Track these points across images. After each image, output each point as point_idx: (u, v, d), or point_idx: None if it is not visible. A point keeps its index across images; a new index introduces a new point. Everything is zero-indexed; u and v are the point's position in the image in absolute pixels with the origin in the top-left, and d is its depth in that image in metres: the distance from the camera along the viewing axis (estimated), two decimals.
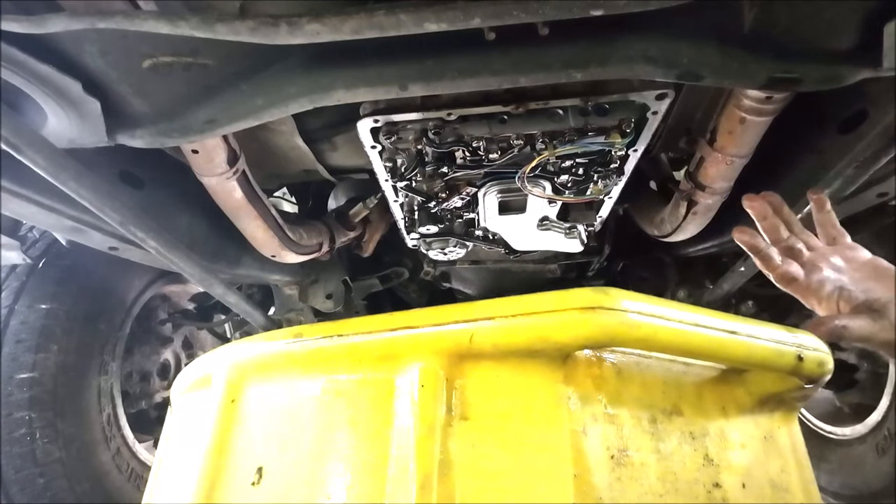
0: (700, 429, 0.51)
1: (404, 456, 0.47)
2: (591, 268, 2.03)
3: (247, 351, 0.63)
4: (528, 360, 0.50)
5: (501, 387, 0.51)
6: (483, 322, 0.51)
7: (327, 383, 0.58)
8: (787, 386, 0.57)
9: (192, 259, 1.14)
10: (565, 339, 0.48)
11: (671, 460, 0.49)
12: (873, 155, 0.82)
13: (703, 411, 0.53)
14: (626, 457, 0.47)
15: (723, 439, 0.53)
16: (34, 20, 0.65)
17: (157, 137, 0.88)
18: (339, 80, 0.80)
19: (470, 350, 0.51)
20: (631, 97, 0.93)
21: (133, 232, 0.96)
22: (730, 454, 0.52)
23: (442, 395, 0.50)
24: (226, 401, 0.63)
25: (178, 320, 2.05)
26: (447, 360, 0.51)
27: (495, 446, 0.48)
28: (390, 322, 0.55)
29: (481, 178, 1.17)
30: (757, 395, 0.57)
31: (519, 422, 0.49)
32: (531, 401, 0.49)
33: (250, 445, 0.60)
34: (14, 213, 1.00)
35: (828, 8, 0.70)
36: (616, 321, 0.48)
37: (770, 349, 0.54)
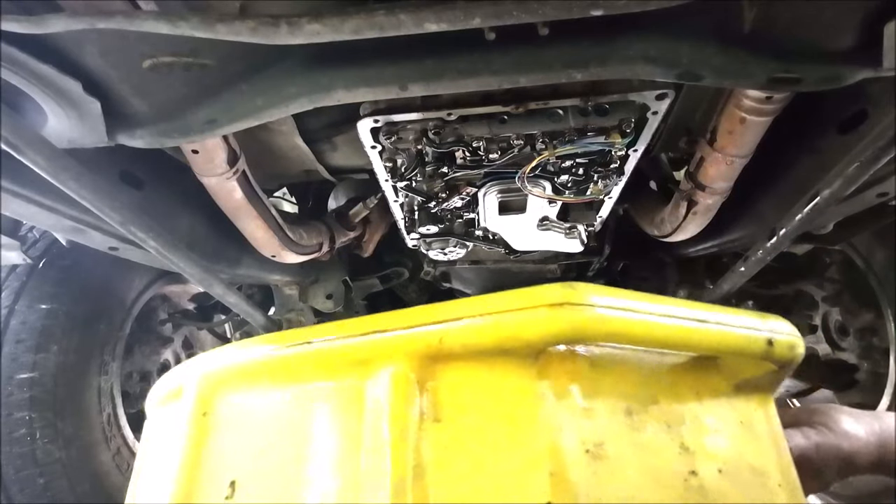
0: (676, 417, 0.52)
1: (377, 463, 0.46)
2: (591, 268, 2.03)
3: (218, 361, 0.62)
4: (501, 358, 0.49)
5: (474, 387, 0.50)
6: (452, 323, 0.50)
7: (300, 392, 0.57)
8: (761, 370, 0.57)
9: (192, 259, 1.14)
10: (534, 337, 0.48)
11: (648, 451, 0.49)
12: (873, 155, 0.82)
13: (678, 399, 0.53)
14: (603, 451, 0.47)
15: (698, 426, 0.53)
16: (34, 20, 0.65)
17: (157, 137, 0.88)
18: (339, 80, 0.80)
19: (440, 352, 0.51)
20: (631, 97, 0.93)
21: (133, 232, 0.96)
22: (706, 441, 0.52)
23: (414, 399, 0.49)
24: (197, 414, 0.62)
25: (178, 320, 2.05)
26: (418, 363, 0.51)
27: (469, 447, 0.48)
28: (360, 326, 0.54)
29: (481, 178, 1.17)
30: (732, 380, 0.57)
31: (493, 421, 0.49)
32: (505, 399, 0.49)
33: (223, 459, 0.59)
34: (14, 213, 1.00)
35: (828, 8, 0.70)
36: (584, 316, 0.48)
37: (740, 336, 0.53)
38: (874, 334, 1.62)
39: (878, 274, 1.48)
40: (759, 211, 1.28)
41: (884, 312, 1.50)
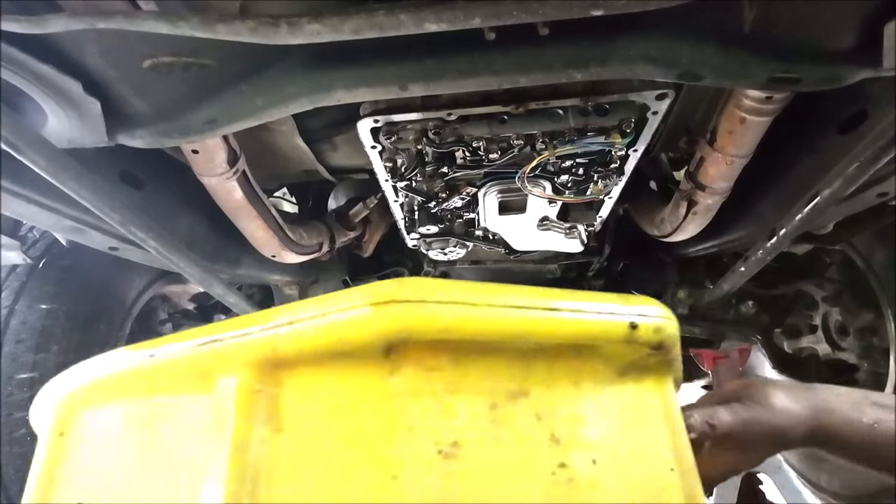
0: (548, 408, 0.50)
1: (216, 479, 0.43)
2: (591, 268, 2.04)
3: (79, 376, 0.58)
4: (348, 359, 0.47)
5: (320, 391, 0.47)
6: (284, 328, 0.48)
7: (149, 407, 0.54)
8: (638, 354, 0.55)
9: (192, 259, 1.14)
10: (360, 338, 0.45)
11: (512, 446, 0.47)
12: (873, 155, 0.82)
13: (552, 389, 0.51)
14: (458, 450, 0.44)
15: (574, 416, 0.51)
16: (34, 20, 0.65)
17: (158, 137, 0.88)
18: (339, 80, 0.80)
19: (279, 359, 0.48)
20: (631, 97, 0.93)
21: (133, 232, 0.96)
22: (581, 431, 0.50)
23: (255, 410, 0.47)
24: (54, 434, 0.57)
25: (178, 320, 2.05)
26: (259, 372, 0.48)
27: (311, 455, 0.46)
28: (199, 335, 0.51)
29: (481, 178, 1.17)
30: (615, 365, 0.55)
31: (338, 426, 0.46)
32: (352, 403, 0.47)
33: (73, 480, 0.55)
34: (14, 213, 1.00)
35: (828, 8, 0.70)
36: (412, 314, 0.45)
37: (598, 322, 0.51)
38: (874, 334, 1.62)
39: (878, 274, 1.48)
40: (759, 211, 1.28)
41: (884, 312, 1.50)
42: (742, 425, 0.64)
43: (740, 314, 1.85)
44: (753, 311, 1.84)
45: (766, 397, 0.65)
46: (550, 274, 1.98)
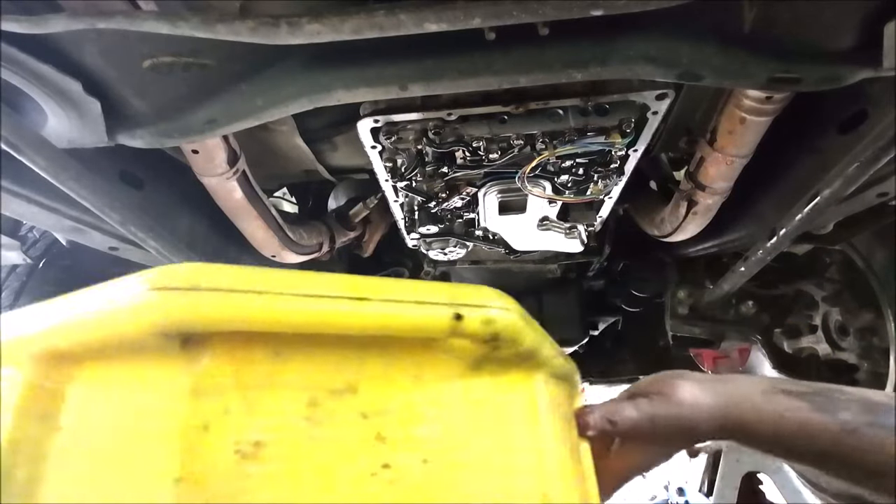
0: (377, 406, 0.46)
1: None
2: (591, 268, 2.04)
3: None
4: (140, 352, 0.42)
5: (109, 388, 0.43)
6: (64, 321, 0.44)
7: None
8: (485, 348, 0.50)
9: (191, 259, 1.14)
10: (137, 329, 0.41)
11: (328, 445, 0.43)
12: (873, 155, 0.82)
13: (388, 385, 0.47)
14: (261, 450, 0.41)
15: (409, 414, 0.47)
16: (34, 20, 0.65)
17: (158, 137, 0.88)
18: (339, 80, 0.80)
19: (63, 352, 0.44)
20: (631, 97, 0.93)
21: (133, 232, 0.96)
22: (414, 429, 0.46)
23: (31, 406, 0.43)
24: None
25: None
26: (44, 366, 0.44)
27: (89, 456, 0.42)
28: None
29: (481, 178, 1.17)
30: (466, 359, 0.50)
31: (124, 425, 0.42)
32: (142, 399, 0.42)
33: None
34: (14, 213, 1.00)
35: (828, 8, 0.70)
36: (187, 302, 0.40)
37: (416, 313, 0.46)
38: (874, 334, 1.62)
39: (878, 274, 1.48)
40: (759, 211, 1.28)
41: (884, 312, 1.50)
42: (648, 421, 0.63)
43: (740, 314, 1.85)
44: (753, 311, 1.84)
45: (675, 391, 0.64)
46: (550, 274, 1.98)
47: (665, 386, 0.66)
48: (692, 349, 2.05)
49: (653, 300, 1.98)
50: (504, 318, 0.49)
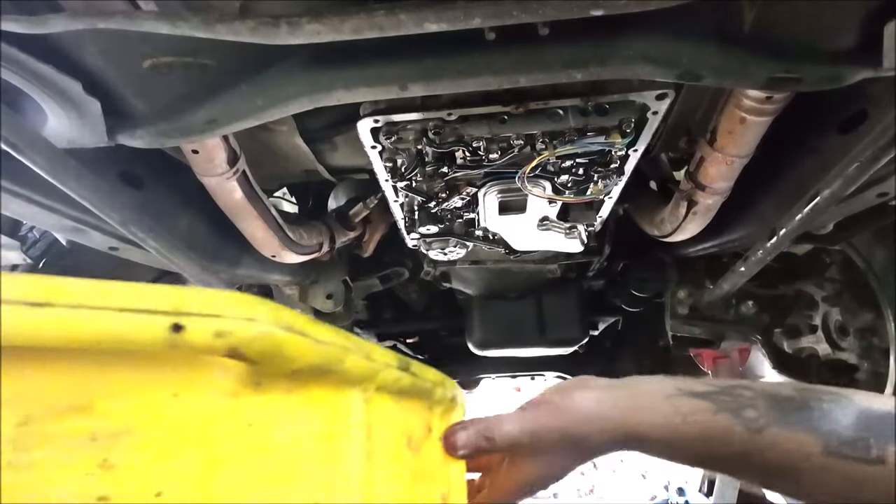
0: (115, 427, 0.38)
1: None
2: (591, 268, 2.04)
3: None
4: None
5: None
6: None
7: None
8: (247, 365, 0.43)
9: (192, 259, 1.14)
10: None
11: (31, 472, 0.37)
12: (873, 155, 0.82)
13: (135, 404, 0.40)
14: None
15: (157, 437, 0.40)
16: (34, 20, 0.65)
17: (158, 137, 0.88)
18: (339, 80, 0.80)
19: None
20: (631, 97, 0.93)
21: (133, 232, 0.96)
22: (159, 455, 0.39)
23: None
24: None
25: None
26: None
27: None
28: None
29: (481, 178, 1.17)
30: (233, 375, 0.42)
31: None
32: None
33: None
34: (14, 213, 1.00)
35: (828, 8, 0.70)
36: None
37: (117, 321, 0.37)
38: (874, 334, 1.62)
39: (878, 274, 1.48)
40: (759, 211, 1.28)
41: (884, 312, 1.50)
42: (529, 435, 0.59)
43: (740, 314, 1.85)
44: (753, 311, 1.84)
45: (565, 402, 0.61)
46: (550, 274, 1.98)
47: (558, 396, 0.62)
48: (692, 349, 2.05)
49: (653, 300, 1.98)
50: (245, 330, 0.39)
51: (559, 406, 0.61)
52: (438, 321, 2.59)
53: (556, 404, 0.62)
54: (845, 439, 0.53)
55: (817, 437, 0.53)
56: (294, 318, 0.42)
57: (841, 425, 0.54)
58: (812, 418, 0.55)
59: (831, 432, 0.53)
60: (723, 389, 0.59)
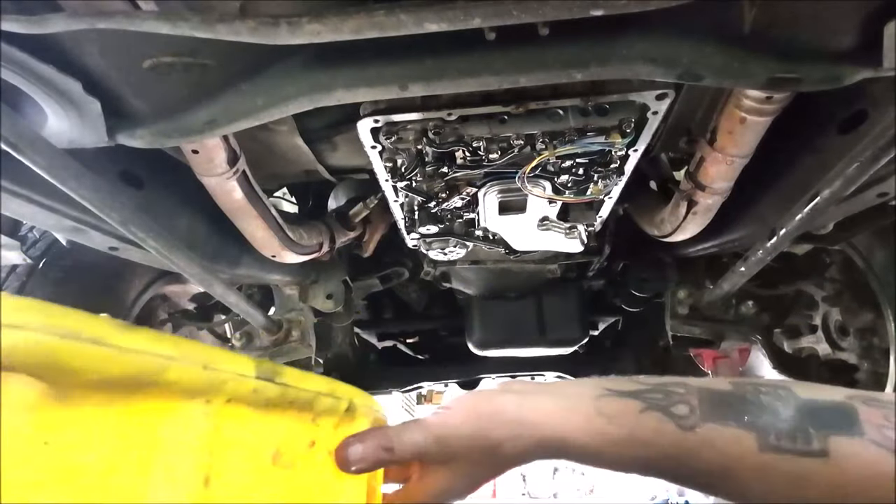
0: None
1: None
2: (591, 268, 2.04)
3: None
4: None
5: None
6: None
7: None
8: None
9: (192, 259, 1.14)
10: None
11: None
12: (873, 155, 0.82)
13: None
14: None
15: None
16: (34, 20, 0.65)
17: (158, 137, 0.88)
18: (339, 80, 0.80)
19: None
20: (631, 97, 0.93)
21: (133, 232, 0.96)
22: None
23: None
24: None
25: (178, 320, 2.05)
26: None
27: None
28: None
29: (481, 178, 1.17)
30: (26, 389, 0.35)
31: None
32: None
33: None
34: (14, 213, 1.00)
35: (828, 8, 0.70)
36: None
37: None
38: (874, 334, 1.62)
39: (878, 274, 1.47)
40: (759, 211, 1.28)
41: (884, 312, 1.50)
42: (436, 442, 0.55)
43: (740, 314, 1.85)
44: (753, 311, 1.84)
45: (482, 406, 0.57)
46: (550, 274, 1.98)
47: (472, 400, 0.59)
48: (692, 349, 2.05)
49: (653, 300, 1.98)
50: (9, 338, 0.33)
51: (471, 410, 0.57)
52: (438, 321, 2.59)
53: (468, 409, 0.58)
54: (783, 432, 0.48)
55: (754, 432, 0.49)
56: (84, 324, 0.36)
57: (779, 418, 0.49)
58: (748, 412, 0.50)
59: (768, 426, 0.49)
60: (655, 387, 0.55)
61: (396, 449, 0.56)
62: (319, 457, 0.58)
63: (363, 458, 0.56)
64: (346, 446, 0.57)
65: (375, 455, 0.56)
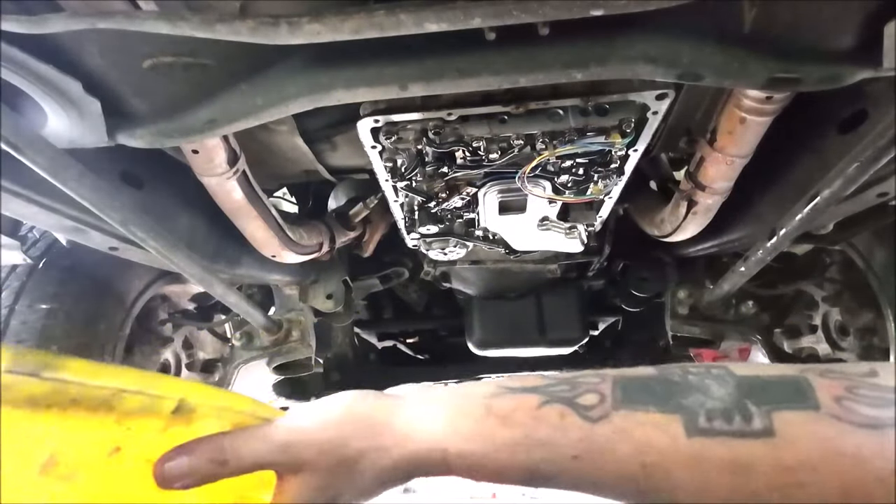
0: None
1: None
2: (591, 268, 2.04)
3: None
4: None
5: None
6: None
7: None
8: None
9: (192, 259, 1.14)
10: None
11: None
12: (873, 155, 0.82)
13: None
14: None
15: None
16: (34, 20, 0.65)
17: (158, 137, 0.88)
18: (339, 79, 0.80)
19: None
20: (631, 97, 0.93)
21: (134, 232, 0.96)
22: None
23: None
24: None
25: (178, 320, 2.05)
26: None
27: None
28: None
29: (481, 178, 1.17)
30: None
31: None
32: None
33: None
34: (14, 213, 1.00)
35: (828, 8, 0.70)
36: None
37: None
38: (874, 334, 1.62)
39: (878, 274, 1.47)
40: (759, 211, 1.28)
41: (884, 312, 1.50)
42: (282, 451, 0.47)
43: (740, 314, 1.85)
44: (753, 311, 1.84)
45: (342, 411, 0.49)
46: (550, 274, 1.98)
47: (339, 404, 0.50)
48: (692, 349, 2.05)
49: (653, 300, 1.98)
50: None
51: (331, 414, 0.49)
52: (438, 321, 2.59)
53: (329, 412, 0.49)
54: (717, 411, 0.39)
55: (679, 415, 0.40)
56: None
57: (712, 396, 0.41)
58: (672, 392, 0.41)
59: (698, 405, 0.40)
60: (563, 380, 0.46)
61: (231, 462, 0.46)
62: (131, 466, 0.48)
63: (189, 472, 0.46)
64: (167, 459, 0.47)
65: (205, 469, 0.46)
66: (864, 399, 0.38)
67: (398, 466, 0.46)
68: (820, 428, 0.37)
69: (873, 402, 0.37)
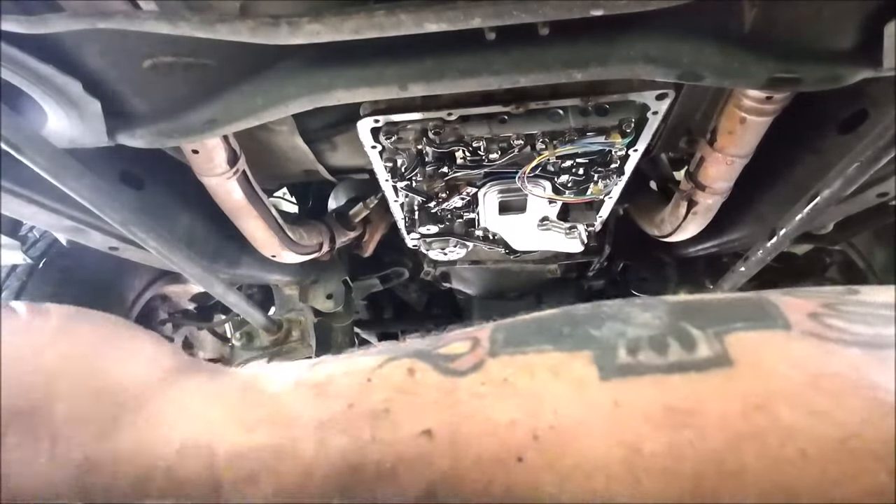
0: None
1: None
2: (591, 268, 2.04)
3: None
4: None
5: None
6: None
7: None
8: None
9: (192, 259, 1.14)
10: None
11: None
12: (873, 155, 0.82)
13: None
14: None
15: None
16: (34, 20, 0.65)
17: (158, 137, 0.88)
18: (339, 79, 0.80)
19: None
20: (631, 97, 0.93)
21: (133, 232, 0.96)
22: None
23: None
24: None
25: (178, 320, 2.05)
26: None
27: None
28: None
29: (481, 178, 1.17)
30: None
31: None
32: None
33: None
34: (14, 213, 1.00)
35: (828, 8, 0.70)
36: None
37: None
38: None
39: (878, 274, 1.48)
40: (759, 211, 1.28)
41: None
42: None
43: None
44: None
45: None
46: (550, 274, 1.98)
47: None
48: None
49: None
50: None
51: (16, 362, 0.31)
52: (438, 321, 2.58)
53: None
54: (643, 340, 0.27)
55: (591, 350, 0.27)
56: None
57: (634, 322, 0.28)
58: (578, 324, 0.29)
59: (615, 335, 0.28)
60: (436, 336, 0.34)
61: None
62: None
63: None
64: None
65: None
66: (850, 315, 0.26)
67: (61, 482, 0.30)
68: (796, 348, 0.25)
69: (864, 318, 0.26)
